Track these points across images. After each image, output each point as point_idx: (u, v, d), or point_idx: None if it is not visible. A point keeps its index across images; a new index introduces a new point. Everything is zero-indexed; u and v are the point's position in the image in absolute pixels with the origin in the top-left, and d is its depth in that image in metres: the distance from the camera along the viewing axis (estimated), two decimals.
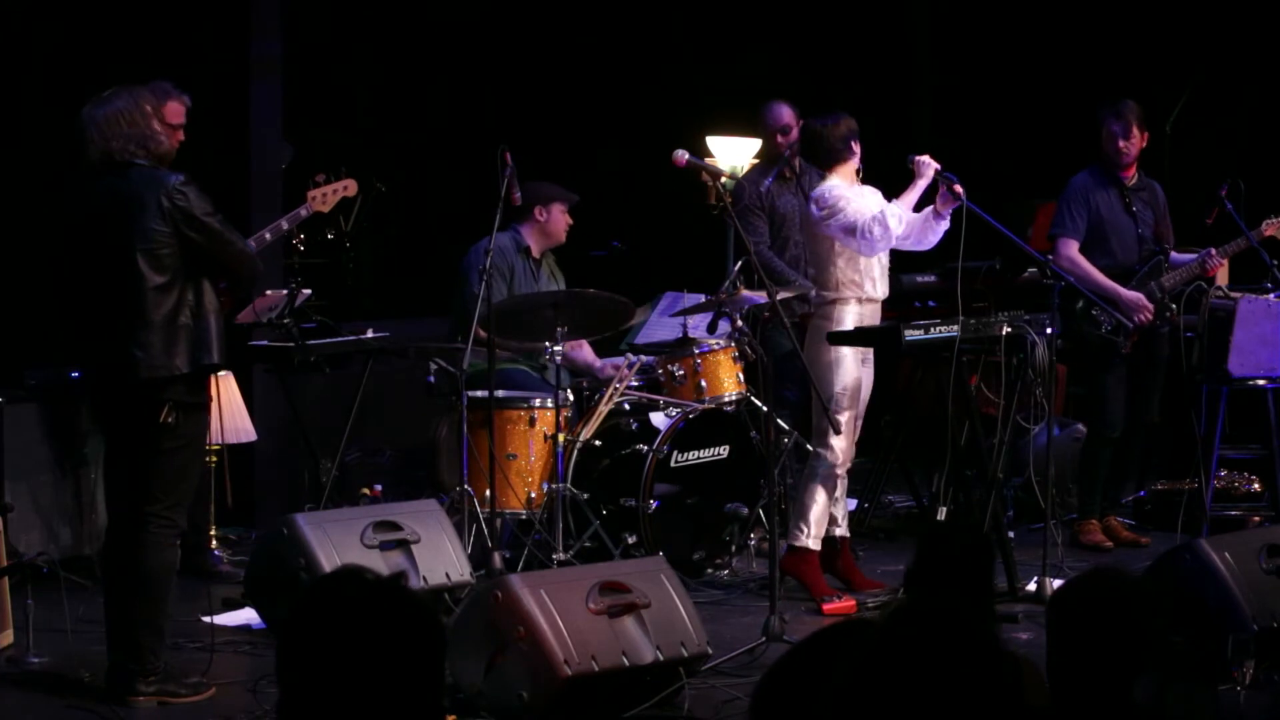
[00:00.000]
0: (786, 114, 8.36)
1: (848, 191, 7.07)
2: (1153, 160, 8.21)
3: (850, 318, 7.08)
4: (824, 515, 7.13)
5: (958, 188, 6.94)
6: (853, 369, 7.08)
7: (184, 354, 5.56)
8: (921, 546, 4.20)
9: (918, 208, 7.07)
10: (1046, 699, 3.38)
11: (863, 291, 7.09)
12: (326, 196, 6.85)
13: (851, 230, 6.98)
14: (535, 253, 7.93)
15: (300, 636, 2.47)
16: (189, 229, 5.57)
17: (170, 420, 5.58)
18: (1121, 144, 7.96)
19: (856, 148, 7.13)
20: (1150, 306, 7.92)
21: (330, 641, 2.43)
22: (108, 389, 5.70)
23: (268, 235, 6.54)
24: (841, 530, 7.27)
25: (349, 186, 6.92)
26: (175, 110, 6.64)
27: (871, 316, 7.15)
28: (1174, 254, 8.12)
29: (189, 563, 7.40)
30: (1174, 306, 8.03)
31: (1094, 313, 7.90)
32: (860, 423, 7.25)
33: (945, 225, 7.09)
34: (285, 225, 6.73)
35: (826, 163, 7.18)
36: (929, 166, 7.00)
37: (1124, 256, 8.03)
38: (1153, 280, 8.00)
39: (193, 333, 5.58)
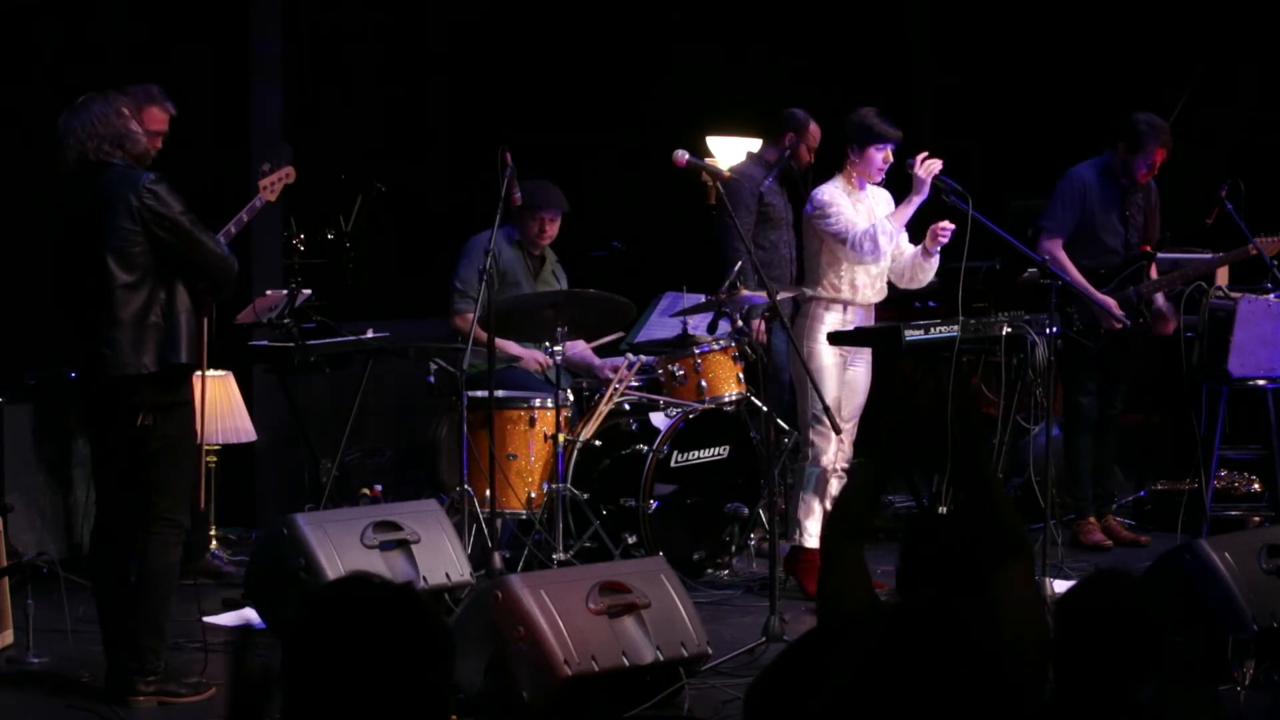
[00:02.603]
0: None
1: (840, 197, 7.07)
2: None
3: (830, 316, 7.09)
4: (821, 513, 7.13)
5: (950, 198, 6.94)
6: (833, 374, 7.07)
7: (152, 353, 5.53)
8: (907, 546, 4.14)
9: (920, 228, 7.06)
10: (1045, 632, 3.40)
11: (839, 294, 7.11)
12: (274, 186, 6.90)
13: (842, 239, 7.01)
14: (533, 249, 7.93)
15: (308, 641, 2.46)
16: (158, 228, 5.53)
17: (147, 423, 5.58)
18: (1153, 169, 7.94)
19: (873, 155, 7.09)
20: (1121, 316, 7.86)
21: (339, 647, 2.43)
22: (85, 388, 5.72)
23: (232, 229, 6.59)
24: None
25: (289, 174, 6.96)
26: (157, 116, 6.55)
27: (860, 319, 7.15)
28: (1160, 254, 8.10)
29: (189, 563, 7.41)
30: (1148, 313, 8.02)
31: (1069, 309, 7.85)
32: (856, 423, 7.25)
33: (936, 261, 7.11)
34: (245, 218, 6.78)
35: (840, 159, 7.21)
36: (929, 174, 6.92)
37: (1108, 259, 7.99)
38: (1132, 285, 7.97)
39: (162, 332, 5.54)
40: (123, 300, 5.52)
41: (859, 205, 7.15)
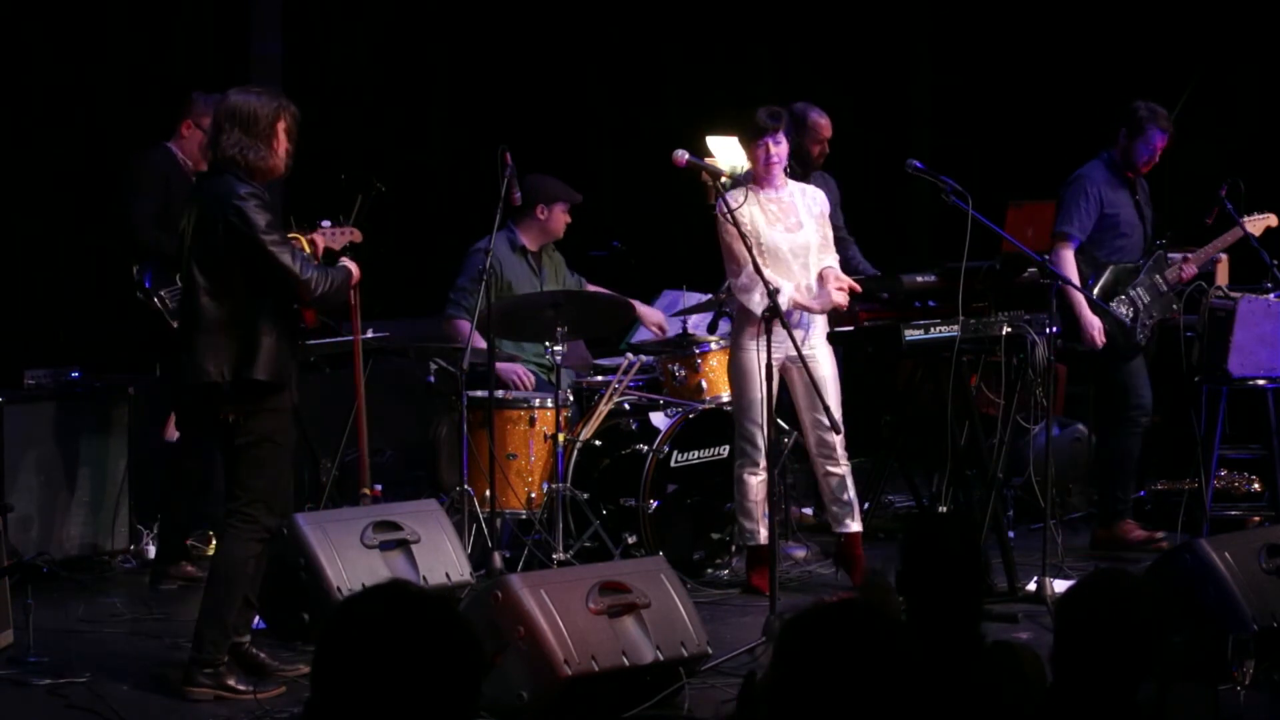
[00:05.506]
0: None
1: (744, 207, 6.92)
2: None
3: (751, 323, 6.89)
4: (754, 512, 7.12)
5: (950, 198, 6.93)
6: (753, 378, 6.85)
7: (227, 364, 5.56)
8: (908, 549, 4.12)
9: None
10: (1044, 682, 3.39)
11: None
12: (337, 237, 6.74)
13: (734, 267, 6.95)
14: (533, 248, 7.92)
15: (342, 647, 2.44)
16: (240, 243, 5.56)
17: (229, 419, 5.62)
18: (1158, 155, 7.89)
19: (757, 152, 7.02)
20: (1096, 337, 7.76)
21: (375, 655, 2.41)
22: (176, 390, 5.85)
23: None
24: (856, 526, 7.27)
25: (355, 235, 6.86)
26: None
27: (804, 322, 7.01)
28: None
29: (173, 562, 7.39)
30: (1177, 304, 8.00)
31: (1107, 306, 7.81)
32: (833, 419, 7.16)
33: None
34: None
35: None
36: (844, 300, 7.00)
37: (1133, 253, 7.98)
38: (1158, 273, 7.95)
39: (241, 345, 5.56)
40: (205, 308, 5.58)
41: (769, 207, 7.06)
